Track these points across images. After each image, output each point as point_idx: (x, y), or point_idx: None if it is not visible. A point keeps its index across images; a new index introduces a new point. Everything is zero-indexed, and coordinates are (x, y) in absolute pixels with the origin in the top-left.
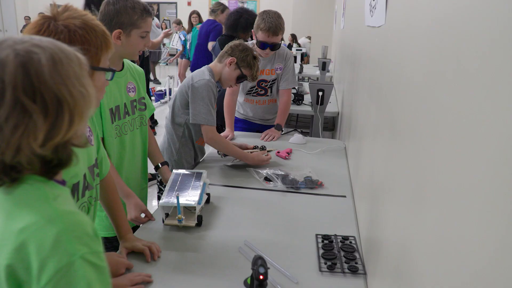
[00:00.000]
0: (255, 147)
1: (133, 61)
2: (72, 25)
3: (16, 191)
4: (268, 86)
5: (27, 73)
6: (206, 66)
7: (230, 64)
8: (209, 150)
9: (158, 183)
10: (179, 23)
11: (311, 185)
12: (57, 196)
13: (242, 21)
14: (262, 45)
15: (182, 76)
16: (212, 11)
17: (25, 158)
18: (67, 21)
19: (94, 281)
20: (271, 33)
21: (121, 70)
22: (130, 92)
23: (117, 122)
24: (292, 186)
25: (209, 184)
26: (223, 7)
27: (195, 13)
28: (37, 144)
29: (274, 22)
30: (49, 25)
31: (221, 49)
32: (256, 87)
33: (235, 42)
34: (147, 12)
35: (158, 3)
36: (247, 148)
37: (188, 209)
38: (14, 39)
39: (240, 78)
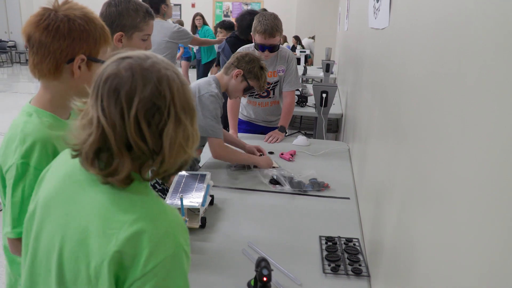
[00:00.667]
0: (261, 155)
1: None
2: (72, 14)
3: (126, 188)
4: (270, 88)
5: (181, 91)
6: (213, 76)
7: (237, 76)
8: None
9: (156, 183)
10: (181, 24)
11: (318, 187)
12: (156, 195)
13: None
14: (261, 47)
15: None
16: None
17: (178, 161)
18: (68, 11)
19: (187, 270)
20: (268, 34)
21: None
22: None
23: None
24: (300, 189)
25: (213, 186)
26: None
27: (199, 15)
28: (189, 147)
29: (270, 24)
30: (49, 14)
31: (231, 50)
32: None
33: (241, 52)
34: (150, 14)
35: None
36: (260, 151)
37: (192, 211)
38: (160, 61)
39: (247, 90)
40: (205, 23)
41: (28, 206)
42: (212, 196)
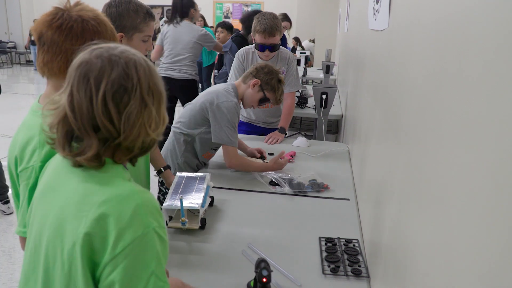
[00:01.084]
0: (261, 157)
1: None
2: (86, 15)
3: (96, 172)
4: None
5: (148, 74)
6: (231, 83)
7: (254, 86)
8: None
9: (159, 184)
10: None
11: (318, 188)
12: (129, 178)
13: None
14: (261, 47)
15: None
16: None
17: (139, 142)
18: (81, 12)
19: (160, 252)
20: (267, 34)
21: None
22: None
23: None
24: (300, 190)
25: (213, 187)
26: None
27: (200, 16)
28: (151, 129)
29: (270, 23)
30: (62, 14)
31: (238, 49)
32: None
33: (261, 63)
34: (150, 15)
35: (162, 6)
36: (261, 153)
37: (192, 212)
38: (129, 48)
39: (263, 101)
40: (205, 25)
41: None
42: (212, 197)
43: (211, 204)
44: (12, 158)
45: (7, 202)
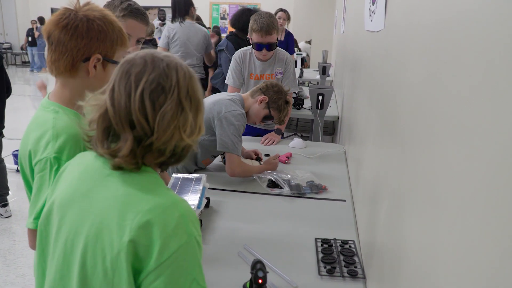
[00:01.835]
0: (257, 158)
1: None
2: (92, 15)
3: (137, 177)
4: None
5: (188, 79)
6: (238, 94)
7: (261, 102)
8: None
9: None
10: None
11: (316, 189)
12: (166, 186)
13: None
14: (258, 46)
15: None
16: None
17: (171, 145)
18: (87, 12)
19: (200, 258)
20: (264, 32)
21: None
22: None
23: None
24: (299, 192)
25: (209, 188)
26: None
27: (197, 18)
28: (186, 134)
29: (266, 22)
30: (69, 14)
31: (235, 48)
32: None
33: (273, 81)
34: (131, 13)
35: (159, 7)
36: (257, 154)
37: None
38: (173, 55)
39: (267, 118)
40: (203, 26)
41: None
42: (208, 199)
43: (207, 205)
44: (25, 153)
45: (5, 205)
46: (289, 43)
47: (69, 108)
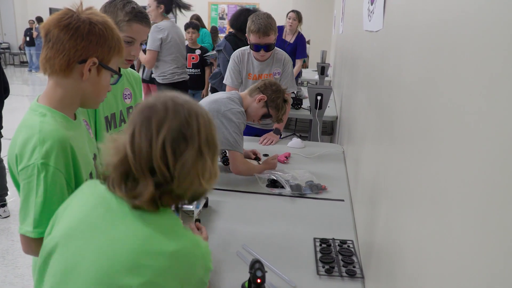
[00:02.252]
0: (255, 158)
1: (132, 66)
2: (94, 19)
3: (155, 217)
4: None
5: (208, 126)
6: (236, 93)
7: (260, 101)
8: None
9: None
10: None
11: (316, 189)
12: (183, 226)
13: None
14: (256, 47)
15: None
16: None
17: (190, 191)
18: (90, 15)
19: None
20: (262, 33)
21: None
22: (126, 99)
23: (113, 130)
24: (300, 192)
25: None
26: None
27: (196, 18)
28: (205, 180)
29: (264, 23)
30: (72, 15)
31: (233, 48)
32: None
33: (271, 80)
34: (136, 17)
35: None
36: (255, 154)
37: (186, 213)
38: (192, 100)
39: (264, 117)
40: (202, 26)
41: (50, 206)
42: (206, 198)
43: (205, 205)
44: (12, 156)
45: (4, 205)
46: (298, 45)
47: (58, 110)
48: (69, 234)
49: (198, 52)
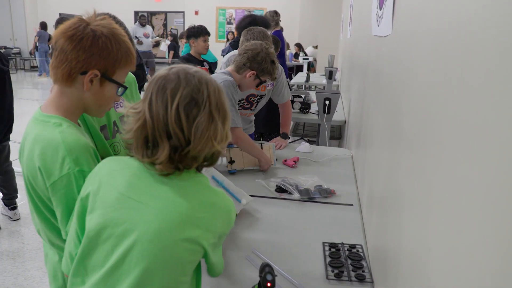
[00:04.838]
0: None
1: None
2: (100, 31)
3: (186, 175)
4: (255, 101)
5: (217, 93)
6: (226, 71)
7: (250, 77)
8: None
9: None
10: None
11: (325, 194)
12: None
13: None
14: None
15: None
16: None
17: (204, 153)
18: (97, 27)
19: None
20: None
21: None
22: (117, 108)
23: (107, 142)
24: (309, 197)
25: None
26: (276, 21)
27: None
28: (217, 142)
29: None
30: (79, 26)
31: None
32: (244, 100)
33: (253, 52)
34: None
35: (165, 12)
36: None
37: None
38: (202, 70)
39: (260, 84)
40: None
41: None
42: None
43: None
44: (33, 170)
45: (14, 208)
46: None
47: (68, 118)
48: (115, 206)
49: (206, 65)
